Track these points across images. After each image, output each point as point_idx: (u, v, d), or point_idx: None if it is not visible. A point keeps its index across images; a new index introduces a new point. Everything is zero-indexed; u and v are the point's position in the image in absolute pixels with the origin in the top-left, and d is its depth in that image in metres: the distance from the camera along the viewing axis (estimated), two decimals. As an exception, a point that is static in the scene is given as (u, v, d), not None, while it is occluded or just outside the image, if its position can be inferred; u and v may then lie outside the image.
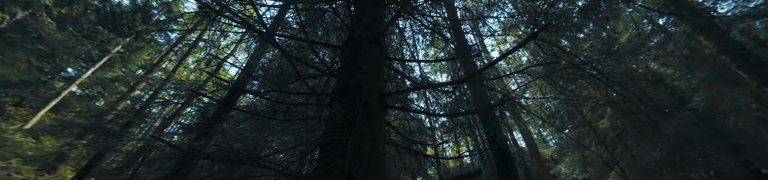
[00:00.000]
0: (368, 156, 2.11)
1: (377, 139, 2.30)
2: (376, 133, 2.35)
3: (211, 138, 6.23)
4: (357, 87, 2.59)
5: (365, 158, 2.08)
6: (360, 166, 2.00)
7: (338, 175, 1.92)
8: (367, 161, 2.07)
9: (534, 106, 10.50)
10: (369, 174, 2.02)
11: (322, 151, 2.25)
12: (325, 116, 3.33)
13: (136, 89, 14.96)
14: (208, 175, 2.36)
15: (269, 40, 2.29)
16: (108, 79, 13.10)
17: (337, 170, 1.95)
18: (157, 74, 17.73)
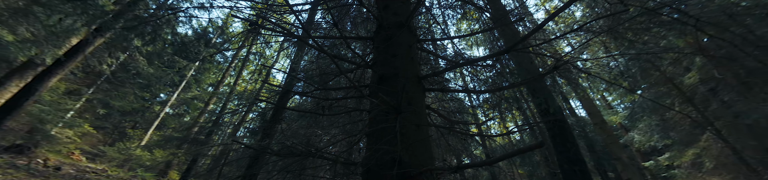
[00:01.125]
0: (414, 140, 2.18)
1: (420, 122, 2.36)
2: (418, 117, 2.41)
3: (273, 137, 6.66)
4: (393, 74, 2.65)
5: (411, 142, 2.15)
6: (407, 151, 2.07)
7: (388, 160, 2.02)
8: (414, 145, 2.16)
9: (595, 68, 8.49)
10: (417, 157, 2.10)
11: (370, 140, 2.35)
12: (367, 107, 3.42)
13: (210, 104, 17.55)
14: (281, 169, 2.79)
15: (304, 41, 2.71)
16: (189, 99, 15.71)
17: (387, 156, 2.04)
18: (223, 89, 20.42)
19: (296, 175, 2.93)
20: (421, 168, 1.99)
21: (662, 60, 9.60)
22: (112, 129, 12.45)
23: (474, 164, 2.04)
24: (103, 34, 9.17)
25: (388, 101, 2.10)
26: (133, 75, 10.88)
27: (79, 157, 9.92)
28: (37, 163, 8.31)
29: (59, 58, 7.61)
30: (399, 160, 1.98)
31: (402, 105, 2.11)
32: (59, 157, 9.02)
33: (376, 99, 2.31)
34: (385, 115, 2.31)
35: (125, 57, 10.69)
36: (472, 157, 4.69)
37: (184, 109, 16.66)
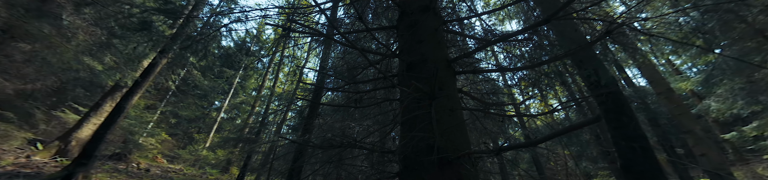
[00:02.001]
0: (448, 125, 2.14)
1: (453, 107, 2.31)
2: (451, 101, 2.36)
3: (312, 132, 6.89)
4: (421, 61, 2.60)
5: (446, 128, 2.11)
6: (443, 136, 2.04)
7: (424, 146, 2.01)
8: (449, 130, 2.12)
9: (659, 28, 6.94)
10: (452, 142, 2.07)
11: (404, 128, 2.32)
12: (398, 97, 3.37)
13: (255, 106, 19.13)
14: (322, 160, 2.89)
15: (331, 38, 2.77)
16: (238, 103, 17.33)
17: (422, 142, 2.03)
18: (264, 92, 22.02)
19: (337, 165, 2.97)
20: (458, 153, 1.95)
21: (750, 8, 7.73)
22: (183, 135, 14.30)
23: (517, 145, 1.94)
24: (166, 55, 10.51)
25: (420, 87, 2.05)
26: (192, 87, 12.41)
27: (161, 159, 11.65)
28: (132, 167, 9.97)
29: (136, 79, 9.00)
30: (435, 146, 1.94)
31: (434, 90, 2.05)
32: (147, 160, 10.71)
33: (407, 87, 2.31)
34: (418, 102, 2.25)
35: (184, 72, 12.15)
36: (510, 139, 4.34)
37: (235, 113, 18.38)
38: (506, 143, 2.65)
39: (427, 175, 1.93)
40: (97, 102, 8.38)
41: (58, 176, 6.53)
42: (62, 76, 7.20)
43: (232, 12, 5.61)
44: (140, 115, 10.15)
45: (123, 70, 8.86)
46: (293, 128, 14.55)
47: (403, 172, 2.09)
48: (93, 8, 7.59)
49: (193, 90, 12.62)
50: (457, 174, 1.89)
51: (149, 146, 10.50)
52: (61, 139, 7.65)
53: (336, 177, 3.75)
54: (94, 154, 6.87)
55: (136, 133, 9.84)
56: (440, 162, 1.92)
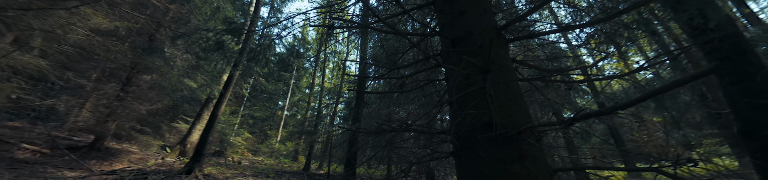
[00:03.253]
0: (504, 99, 2.00)
1: (508, 79, 2.15)
2: (505, 73, 2.19)
3: (360, 120, 7.15)
4: (466, 34, 2.41)
5: (502, 102, 1.97)
6: (499, 112, 1.91)
7: (479, 124, 1.91)
8: (506, 105, 1.97)
9: None
10: (511, 117, 1.93)
11: (454, 108, 2.19)
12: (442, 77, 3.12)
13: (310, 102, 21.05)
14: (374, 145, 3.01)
15: (368, 26, 2.67)
16: (296, 101, 19.28)
17: (477, 120, 1.93)
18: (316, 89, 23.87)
19: (390, 149, 2.92)
20: (519, 128, 1.82)
21: None
22: (259, 132, 16.63)
23: (594, 113, 1.67)
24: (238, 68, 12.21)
25: (472, 61, 1.88)
26: (260, 92, 14.27)
27: (247, 153, 13.90)
28: (229, 161, 12.17)
29: (221, 91, 10.79)
30: (490, 122, 1.83)
31: (486, 63, 1.83)
32: (238, 155, 12.92)
33: (453, 65, 2.19)
34: (467, 79, 2.11)
35: (252, 80, 13.95)
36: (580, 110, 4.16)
37: (296, 110, 20.48)
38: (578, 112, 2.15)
39: (484, 152, 1.81)
40: (198, 112, 10.33)
41: (183, 171, 8.49)
42: (173, 96, 9.03)
43: (279, 21, 5.94)
44: (228, 120, 12.18)
45: (211, 85, 10.66)
46: (344, 118, 16.20)
47: (458, 152, 2.01)
48: (182, 39, 9.19)
49: (260, 94, 14.55)
50: (519, 150, 1.76)
51: (237, 143, 12.64)
52: (181, 143, 9.72)
53: (389, 160, 4.11)
54: (203, 152, 8.72)
55: (228, 134, 11.92)
56: (498, 139, 1.80)
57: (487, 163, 1.80)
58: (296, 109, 20.46)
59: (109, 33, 6.54)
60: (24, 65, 5.19)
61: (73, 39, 5.86)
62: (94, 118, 7.33)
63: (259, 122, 16.37)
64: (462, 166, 1.96)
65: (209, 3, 9.96)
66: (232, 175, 10.08)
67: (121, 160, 7.51)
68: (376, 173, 11.32)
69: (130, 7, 6.95)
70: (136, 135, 8.60)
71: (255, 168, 12.28)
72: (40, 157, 6.14)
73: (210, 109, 10.95)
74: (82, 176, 6.41)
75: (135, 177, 7.41)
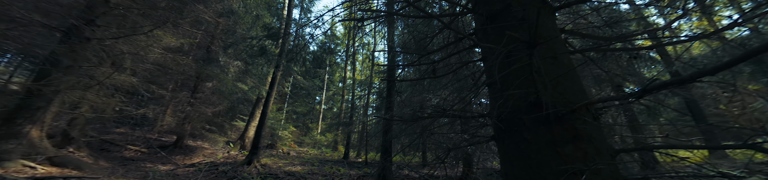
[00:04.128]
0: (553, 76, 1.78)
1: (556, 53, 1.91)
2: (553, 46, 1.95)
3: (393, 109, 7.17)
4: (504, 7, 2.17)
5: (550, 79, 1.75)
6: (547, 89, 1.70)
7: (524, 105, 1.74)
8: (556, 81, 1.77)
9: None
10: (562, 95, 1.73)
11: (493, 89, 2.02)
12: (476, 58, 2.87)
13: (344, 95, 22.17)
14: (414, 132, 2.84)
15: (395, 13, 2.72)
16: (331, 95, 20.44)
17: (521, 100, 1.76)
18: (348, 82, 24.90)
19: (426, 135, 2.81)
20: (572, 106, 1.62)
21: None
22: (302, 126, 18.09)
23: (670, 82, 1.36)
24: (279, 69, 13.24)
25: (516, 36, 1.64)
26: (299, 89, 15.40)
27: (294, 145, 15.35)
28: (279, 152, 13.60)
29: (268, 91, 11.93)
30: (537, 102, 1.65)
31: (532, 37, 1.52)
32: (286, 147, 14.35)
33: (490, 43, 2.01)
34: (507, 57, 1.93)
35: (292, 79, 15.05)
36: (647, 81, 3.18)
37: (331, 103, 21.73)
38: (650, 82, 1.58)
39: (531, 135, 1.67)
40: (251, 111, 11.59)
41: (244, 162, 9.80)
42: (230, 98, 10.21)
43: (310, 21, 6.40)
44: (275, 116, 13.46)
45: (259, 86, 11.80)
46: (377, 108, 17.08)
47: (500, 135, 1.89)
48: (232, 48, 10.21)
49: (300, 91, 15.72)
50: (573, 131, 1.59)
51: (285, 137, 14.02)
52: (240, 139, 11.07)
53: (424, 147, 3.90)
54: (258, 146, 9.94)
55: (276, 129, 13.26)
56: (547, 119, 1.64)
57: (534, 146, 1.64)
58: (332, 102, 21.72)
59: (177, 49, 7.58)
60: (121, 83, 6.34)
61: (152, 58, 6.94)
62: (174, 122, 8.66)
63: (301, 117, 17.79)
64: (505, 150, 1.82)
65: (250, 12, 10.81)
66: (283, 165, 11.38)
67: (198, 155, 8.87)
68: (413, 160, 11.99)
69: (189, 25, 7.91)
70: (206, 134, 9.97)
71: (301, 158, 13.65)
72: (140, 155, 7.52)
73: (260, 108, 12.18)
74: (171, 169, 7.77)
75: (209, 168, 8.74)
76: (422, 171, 10.27)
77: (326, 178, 8.86)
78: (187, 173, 7.86)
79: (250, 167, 9.64)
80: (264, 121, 10.75)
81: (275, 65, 12.46)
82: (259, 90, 11.76)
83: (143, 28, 6.54)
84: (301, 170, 9.85)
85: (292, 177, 8.45)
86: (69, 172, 5.49)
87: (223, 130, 11.34)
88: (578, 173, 1.46)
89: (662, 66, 7.19)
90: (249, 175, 8.70)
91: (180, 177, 7.35)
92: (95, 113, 6.09)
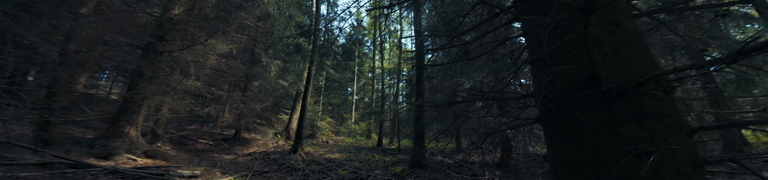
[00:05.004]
0: (613, 46, 1.56)
1: (619, 17, 1.68)
2: (613, 10, 1.72)
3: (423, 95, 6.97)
4: None
5: (611, 49, 1.53)
6: (606, 61, 1.50)
7: (575, 81, 1.57)
8: (616, 52, 1.55)
9: None
10: (623, 67, 1.52)
11: (538, 66, 1.86)
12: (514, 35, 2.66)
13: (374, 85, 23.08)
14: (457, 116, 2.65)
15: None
16: (362, 86, 21.40)
17: (571, 77, 1.58)
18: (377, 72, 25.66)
19: (463, 120, 2.68)
20: (637, 79, 1.42)
21: None
22: (337, 116, 19.40)
23: None
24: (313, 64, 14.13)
25: (566, 2, 1.44)
26: (331, 82, 16.41)
27: (331, 134, 16.69)
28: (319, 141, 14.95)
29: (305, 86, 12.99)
30: (592, 76, 1.45)
31: (587, 0, 1.27)
32: (325, 136, 15.69)
33: (532, 15, 1.83)
34: (554, 29, 1.71)
35: (324, 73, 16.02)
36: (730, 47, 2.82)
37: (363, 94, 22.76)
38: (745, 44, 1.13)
39: (584, 114, 1.49)
40: (292, 105, 12.77)
41: (291, 151, 11.06)
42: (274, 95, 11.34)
43: (338, 15, 5.83)
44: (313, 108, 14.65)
45: (297, 82, 12.86)
46: (407, 96, 17.77)
47: (546, 116, 1.74)
48: (272, 48, 11.12)
49: (332, 83, 16.74)
50: (638, 107, 1.39)
51: (323, 127, 15.30)
52: (285, 130, 12.37)
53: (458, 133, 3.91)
54: (301, 136, 11.11)
55: (315, 120, 14.50)
56: (604, 96, 1.45)
57: (588, 127, 1.50)
58: (363, 93, 22.76)
59: (228, 54, 8.57)
60: (189, 87, 7.45)
61: (210, 64, 7.97)
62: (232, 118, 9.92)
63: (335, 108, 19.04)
64: (553, 132, 1.70)
65: (283, 13, 11.54)
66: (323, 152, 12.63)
67: (253, 146, 10.20)
68: (448, 146, 12.09)
69: (235, 31, 8.81)
70: (257, 127, 11.28)
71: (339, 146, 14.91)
72: (208, 147, 8.87)
73: (300, 102, 13.34)
74: (233, 158, 9.10)
75: (263, 157, 10.05)
76: (456, 157, 10.18)
77: (362, 164, 9.60)
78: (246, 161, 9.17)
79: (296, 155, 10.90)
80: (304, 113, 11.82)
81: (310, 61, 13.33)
82: (297, 85, 12.82)
83: (200, 39, 7.49)
84: (339, 157, 10.79)
85: (332, 163, 9.38)
86: (160, 163, 6.81)
87: (271, 123, 12.68)
88: (644, 155, 1.29)
89: (761, 24, 5.75)
90: (295, 162, 9.89)
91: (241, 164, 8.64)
92: (173, 114, 7.30)
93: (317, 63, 14.24)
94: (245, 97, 9.75)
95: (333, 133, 17.51)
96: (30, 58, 4.46)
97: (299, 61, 13.29)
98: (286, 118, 13.13)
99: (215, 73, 8.07)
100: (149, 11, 6.37)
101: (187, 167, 7.05)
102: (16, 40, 4.57)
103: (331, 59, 16.46)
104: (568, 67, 1.58)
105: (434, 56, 6.26)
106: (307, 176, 7.44)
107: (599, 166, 1.41)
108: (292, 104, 12.83)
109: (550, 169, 1.72)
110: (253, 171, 7.65)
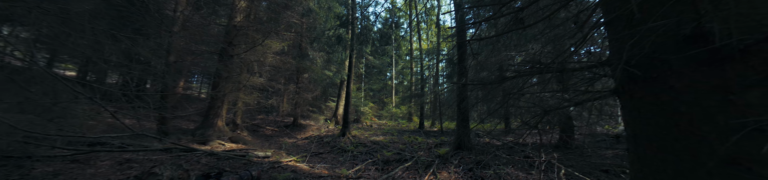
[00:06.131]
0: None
1: None
2: None
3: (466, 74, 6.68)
4: None
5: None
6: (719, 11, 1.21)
7: (673, 41, 1.32)
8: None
9: None
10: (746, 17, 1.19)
11: (614, 28, 1.65)
12: None
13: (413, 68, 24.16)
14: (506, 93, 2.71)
15: None
16: (400, 69, 22.57)
17: (664, 36, 1.34)
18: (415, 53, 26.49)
19: (515, 97, 2.57)
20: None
21: None
22: (378, 101, 21.10)
23: None
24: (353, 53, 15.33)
25: None
26: (371, 68, 17.73)
27: (374, 118, 18.50)
28: (364, 125, 16.79)
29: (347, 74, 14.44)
30: (695, 33, 1.22)
31: None
32: (368, 120, 17.51)
33: None
34: None
35: (364, 60, 17.30)
36: None
37: (401, 78, 24.04)
38: None
39: (681, 81, 1.28)
40: (338, 93, 14.42)
41: (340, 134, 12.84)
42: (321, 84, 12.93)
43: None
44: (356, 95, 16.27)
45: (340, 71, 14.32)
46: (448, 76, 18.50)
47: (627, 86, 1.51)
48: (316, 42, 12.43)
49: (371, 70, 18.10)
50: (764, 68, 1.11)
51: (366, 112, 17.05)
52: (334, 116, 14.18)
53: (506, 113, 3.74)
54: (348, 121, 12.75)
55: (359, 106, 16.22)
56: (713, 56, 1.20)
57: (687, 96, 1.25)
58: (402, 76, 24.03)
59: (281, 52, 10.03)
60: (255, 83, 9.09)
61: (268, 62, 9.49)
62: (289, 107, 11.73)
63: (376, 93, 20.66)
64: (635, 104, 1.48)
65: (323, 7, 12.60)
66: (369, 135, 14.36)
67: (308, 131, 12.10)
68: (498, 127, 12.03)
69: (284, 29, 10.14)
70: (310, 114, 13.12)
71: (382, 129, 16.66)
72: (273, 133, 10.82)
73: (344, 90, 14.94)
74: (294, 141, 11.03)
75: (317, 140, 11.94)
76: (505, 138, 9.87)
77: (406, 146, 10.05)
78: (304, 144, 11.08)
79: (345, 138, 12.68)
80: (349, 100, 13.36)
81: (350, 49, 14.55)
82: (340, 74, 14.30)
83: (258, 41, 8.93)
84: (383, 140, 11.95)
85: (377, 145, 10.50)
86: (241, 146, 8.74)
87: (321, 110, 14.51)
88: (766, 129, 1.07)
89: None
90: (344, 144, 11.61)
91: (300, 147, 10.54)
92: (246, 106, 9.07)
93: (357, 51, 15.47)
94: (298, 88, 11.40)
95: (376, 117, 19.31)
96: (147, 70, 6.09)
97: (341, 52, 14.59)
98: (333, 105, 14.89)
99: (273, 69, 9.62)
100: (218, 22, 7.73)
101: (260, 149, 8.96)
102: (137, 57, 6.18)
103: (370, 45, 17.58)
104: (661, 22, 1.36)
105: (477, 30, 5.98)
106: (356, 157, 8.37)
107: (698, 144, 1.22)
108: (338, 92, 14.45)
109: (628, 150, 1.56)
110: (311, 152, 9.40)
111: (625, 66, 1.48)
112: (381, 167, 6.76)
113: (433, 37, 30.24)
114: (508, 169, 5.73)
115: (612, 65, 1.64)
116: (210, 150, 7.61)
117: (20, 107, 4.34)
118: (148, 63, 6.49)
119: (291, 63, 10.53)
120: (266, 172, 5.97)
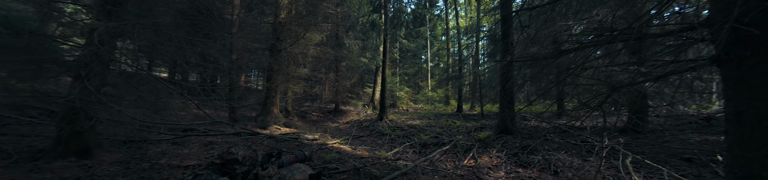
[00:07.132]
0: None
1: None
2: None
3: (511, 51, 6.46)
4: None
5: None
6: None
7: None
8: None
9: None
10: None
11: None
12: None
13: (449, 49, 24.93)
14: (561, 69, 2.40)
15: None
16: (436, 51, 23.48)
17: None
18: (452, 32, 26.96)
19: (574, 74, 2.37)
20: None
21: None
22: (414, 85, 22.49)
23: None
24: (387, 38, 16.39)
25: None
26: (405, 52, 18.83)
27: (410, 103, 20.03)
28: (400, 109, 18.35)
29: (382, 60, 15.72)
30: None
31: None
32: (404, 105, 19.05)
33: None
34: None
35: (398, 44, 18.36)
36: None
37: (437, 60, 25.00)
38: None
39: None
40: (374, 79, 15.87)
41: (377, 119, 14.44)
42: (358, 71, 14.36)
43: None
44: (391, 80, 17.68)
45: (375, 57, 15.59)
46: (490, 55, 18.55)
47: (734, 53, 1.35)
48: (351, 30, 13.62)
49: (406, 53, 19.21)
50: None
51: (402, 96, 18.55)
52: (371, 102, 15.78)
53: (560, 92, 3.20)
54: (384, 106, 14.28)
55: (395, 91, 17.70)
56: None
57: None
58: (437, 58, 25.00)
59: (320, 43, 11.40)
60: (300, 74, 10.64)
61: (311, 53, 10.92)
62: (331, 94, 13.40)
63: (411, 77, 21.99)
64: (744, 75, 1.30)
65: (356, -7, 13.56)
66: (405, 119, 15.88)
67: (348, 116, 13.83)
68: (550, 109, 10.75)
69: (322, 21, 11.38)
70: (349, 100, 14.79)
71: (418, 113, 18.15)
72: (318, 118, 12.62)
73: (380, 76, 16.33)
74: (337, 126, 12.80)
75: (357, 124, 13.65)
76: (557, 121, 9.31)
77: (443, 129, 10.28)
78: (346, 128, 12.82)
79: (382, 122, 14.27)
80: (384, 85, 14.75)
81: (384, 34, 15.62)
82: (375, 60, 15.60)
83: (300, 34, 10.27)
84: (420, 123, 12.22)
85: (414, 129, 11.39)
86: (293, 130, 10.55)
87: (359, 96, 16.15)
88: None
89: None
90: (383, 128, 13.13)
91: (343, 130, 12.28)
92: (295, 95, 10.74)
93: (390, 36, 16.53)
94: (337, 76, 12.93)
95: (411, 101, 20.81)
96: (217, 68, 7.68)
97: (375, 38, 15.72)
98: (370, 91, 16.45)
99: (315, 59, 11.08)
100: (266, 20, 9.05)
101: (309, 133, 10.76)
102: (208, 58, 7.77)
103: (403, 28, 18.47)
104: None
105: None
106: (394, 140, 8.89)
107: None
108: (373, 78, 15.88)
109: (726, 131, 1.40)
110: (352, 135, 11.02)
111: (735, 24, 1.25)
112: (418, 150, 7.25)
113: (471, 12, 29.46)
114: (560, 154, 5.52)
115: (713, 26, 1.41)
116: (269, 133, 9.33)
117: (135, 103, 6.05)
118: (217, 62, 8.02)
119: (330, 53, 11.91)
120: (316, 153, 7.08)
